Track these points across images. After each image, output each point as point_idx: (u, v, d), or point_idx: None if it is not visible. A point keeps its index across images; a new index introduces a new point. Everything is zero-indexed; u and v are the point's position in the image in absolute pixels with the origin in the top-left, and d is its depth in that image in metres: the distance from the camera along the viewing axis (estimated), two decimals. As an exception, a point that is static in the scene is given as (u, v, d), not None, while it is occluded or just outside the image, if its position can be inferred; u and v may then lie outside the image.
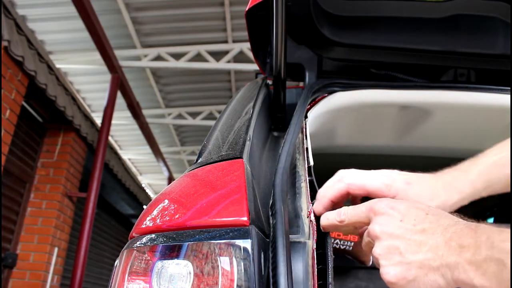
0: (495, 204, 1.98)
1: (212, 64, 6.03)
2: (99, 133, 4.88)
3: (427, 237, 0.51)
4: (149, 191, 9.95)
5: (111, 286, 0.61)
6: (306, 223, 0.68)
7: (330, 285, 0.62)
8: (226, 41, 6.07)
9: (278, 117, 1.21)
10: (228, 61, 6.08)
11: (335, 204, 0.68)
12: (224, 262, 0.55)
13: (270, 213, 0.67)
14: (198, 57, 6.08)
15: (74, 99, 4.76)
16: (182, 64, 5.99)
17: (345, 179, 0.68)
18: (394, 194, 0.66)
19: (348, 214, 0.61)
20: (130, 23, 5.51)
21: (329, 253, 0.64)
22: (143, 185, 8.86)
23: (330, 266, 0.63)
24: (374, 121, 1.34)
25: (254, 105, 1.01)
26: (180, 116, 7.80)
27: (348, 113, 1.27)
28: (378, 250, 0.55)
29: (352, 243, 0.98)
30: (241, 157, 0.73)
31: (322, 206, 0.68)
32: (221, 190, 0.65)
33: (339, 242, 0.86)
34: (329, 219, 0.63)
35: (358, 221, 0.60)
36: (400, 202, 0.57)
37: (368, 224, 0.58)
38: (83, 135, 4.98)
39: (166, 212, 0.64)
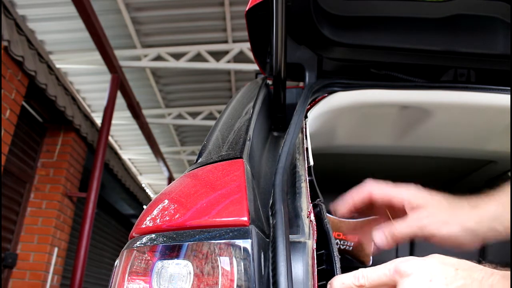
0: (495, 204, 1.97)
1: (212, 64, 6.03)
2: (99, 133, 4.88)
3: None
4: (149, 191, 9.94)
5: (111, 286, 0.61)
6: (306, 223, 0.68)
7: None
8: (226, 41, 6.07)
9: (278, 117, 1.20)
10: (228, 61, 6.08)
11: (355, 210, 0.70)
12: (224, 262, 0.55)
13: (270, 213, 0.67)
14: (198, 57, 6.08)
15: (74, 99, 4.76)
16: (182, 64, 6.00)
17: (371, 188, 0.71)
18: (412, 208, 0.69)
19: (369, 277, 0.55)
20: (130, 23, 5.51)
21: (334, 253, 0.64)
22: (143, 185, 8.85)
23: (337, 266, 0.63)
24: (374, 121, 1.33)
25: (254, 105, 1.01)
26: (180, 116, 7.81)
27: (348, 113, 1.26)
28: None
29: (352, 243, 0.98)
30: (241, 157, 0.73)
31: (344, 207, 0.72)
32: (221, 190, 0.65)
33: (339, 242, 0.86)
34: (344, 283, 0.56)
35: (380, 284, 0.54)
36: (426, 261, 0.52)
37: (392, 287, 0.54)
38: (83, 135, 4.98)
39: (166, 212, 0.64)
